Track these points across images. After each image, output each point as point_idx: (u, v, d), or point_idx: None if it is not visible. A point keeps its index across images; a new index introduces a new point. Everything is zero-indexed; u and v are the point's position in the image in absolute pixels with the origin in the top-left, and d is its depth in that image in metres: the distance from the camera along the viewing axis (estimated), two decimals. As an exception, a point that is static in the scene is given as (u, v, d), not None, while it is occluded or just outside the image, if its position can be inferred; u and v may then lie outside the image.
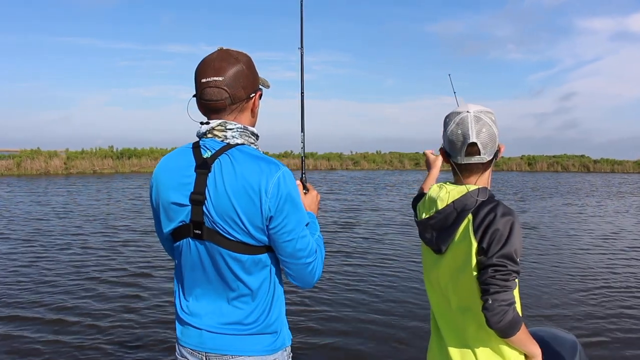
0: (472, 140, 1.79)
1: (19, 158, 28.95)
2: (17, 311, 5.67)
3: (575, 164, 45.25)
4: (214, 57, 1.70)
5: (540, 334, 2.68)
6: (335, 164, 42.70)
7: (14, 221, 11.94)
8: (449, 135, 1.85)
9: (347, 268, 7.86)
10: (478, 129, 1.80)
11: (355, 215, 14.00)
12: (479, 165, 1.85)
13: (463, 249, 1.77)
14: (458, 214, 1.79)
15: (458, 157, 1.85)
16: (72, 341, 4.89)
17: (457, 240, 1.80)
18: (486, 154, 1.82)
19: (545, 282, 7.21)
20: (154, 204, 1.78)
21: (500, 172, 42.49)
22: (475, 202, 1.78)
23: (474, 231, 1.74)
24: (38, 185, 21.60)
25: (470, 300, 1.79)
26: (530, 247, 9.69)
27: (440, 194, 1.87)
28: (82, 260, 8.11)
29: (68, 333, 5.08)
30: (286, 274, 1.76)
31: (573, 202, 18.83)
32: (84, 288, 6.59)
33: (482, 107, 1.85)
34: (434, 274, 1.93)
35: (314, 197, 2.05)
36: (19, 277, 7.07)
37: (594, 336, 5.20)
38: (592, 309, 6.06)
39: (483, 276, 1.71)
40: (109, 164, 30.84)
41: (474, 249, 1.74)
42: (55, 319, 5.48)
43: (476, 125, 1.80)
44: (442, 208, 1.83)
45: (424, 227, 1.91)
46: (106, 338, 4.97)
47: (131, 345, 4.83)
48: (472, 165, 1.85)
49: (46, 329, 5.16)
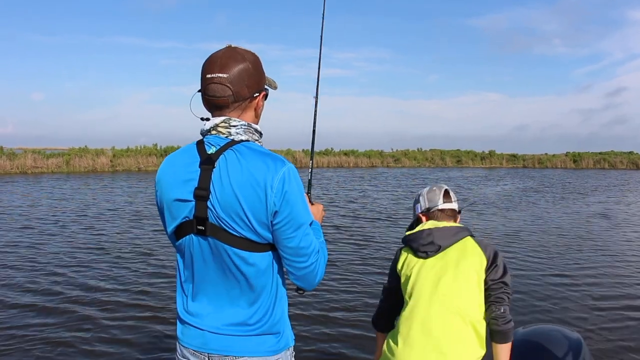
0: (446, 188, 2.52)
1: (67, 156, 29.93)
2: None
3: (624, 161, 43.66)
4: (221, 53, 1.69)
5: (545, 331, 2.70)
6: (376, 161, 42.53)
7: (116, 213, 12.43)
8: (426, 194, 2.53)
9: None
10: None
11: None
12: (451, 218, 2.47)
13: (470, 255, 2.23)
14: (457, 232, 2.32)
15: (438, 204, 2.46)
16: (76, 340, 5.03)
17: (465, 251, 2.25)
18: (456, 204, 2.51)
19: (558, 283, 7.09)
20: (158, 203, 1.77)
21: (544, 169, 41.55)
22: (470, 232, 2.35)
23: (483, 251, 2.24)
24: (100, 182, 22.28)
25: (467, 300, 2.18)
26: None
27: (438, 224, 2.37)
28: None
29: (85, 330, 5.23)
30: (288, 274, 1.74)
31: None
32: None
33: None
34: (423, 276, 2.26)
35: (320, 209, 2.06)
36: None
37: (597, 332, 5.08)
38: (603, 311, 5.91)
39: (496, 291, 2.19)
40: (153, 162, 31.52)
41: (484, 263, 2.22)
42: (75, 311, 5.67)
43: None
44: (448, 226, 2.34)
45: (423, 236, 2.31)
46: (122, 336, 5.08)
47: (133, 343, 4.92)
48: (448, 218, 2.46)
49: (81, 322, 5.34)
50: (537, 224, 12.30)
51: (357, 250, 9.04)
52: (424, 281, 2.22)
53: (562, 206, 16.17)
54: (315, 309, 5.77)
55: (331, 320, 5.47)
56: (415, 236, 2.34)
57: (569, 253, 8.96)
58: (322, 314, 5.62)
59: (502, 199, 18.28)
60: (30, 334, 5.01)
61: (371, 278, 7.09)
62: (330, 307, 5.88)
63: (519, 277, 7.18)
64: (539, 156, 46.68)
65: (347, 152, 42.66)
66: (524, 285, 6.77)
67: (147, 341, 4.91)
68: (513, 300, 5.81)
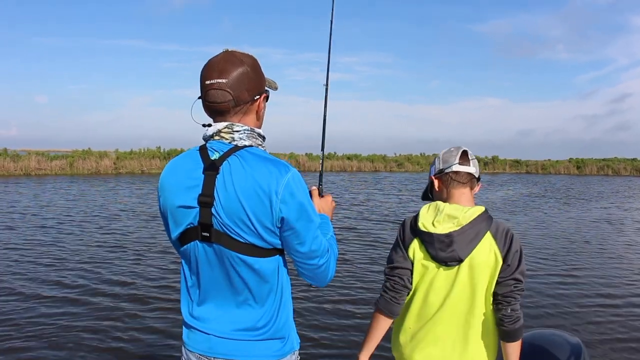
0: (465, 149, 2.18)
1: (71, 158, 30.00)
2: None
3: (627, 168, 43.59)
4: (218, 58, 1.67)
5: (545, 336, 2.70)
6: (379, 165, 42.50)
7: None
8: (442, 154, 2.22)
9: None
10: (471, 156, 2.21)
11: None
12: (466, 185, 2.16)
13: (487, 262, 2.02)
14: (478, 230, 2.03)
15: (453, 164, 2.15)
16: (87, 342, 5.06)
17: (481, 253, 2.02)
18: (474, 169, 2.18)
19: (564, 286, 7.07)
20: (162, 209, 1.75)
21: (547, 175, 41.48)
22: (490, 221, 2.06)
23: (499, 249, 2.02)
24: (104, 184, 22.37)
25: (482, 306, 2.06)
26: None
27: (457, 212, 2.06)
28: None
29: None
30: (299, 274, 1.74)
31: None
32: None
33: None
34: (438, 284, 2.09)
35: (329, 201, 2.04)
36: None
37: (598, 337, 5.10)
38: (606, 317, 5.88)
39: (505, 289, 2.02)
40: (156, 164, 31.57)
41: (499, 264, 2.02)
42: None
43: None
44: (466, 224, 2.03)
45: (441, 241, 2.03)
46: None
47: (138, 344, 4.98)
48: (463, 185, 2.16)
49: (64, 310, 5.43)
50: (541, 229, 12.28)
51: (366, 249, 9.16)
52: (438, 291, 2.07)
53: (566, 211, 16.14)
54: (327, 302, 5.85)
55: (342, 311, 5.53)
56: (431, 239, 2.04)
57: (572, 257, 8.94)
58: (334, 306, 5.64)
59: (506, 203, 18.28)
60: (64, 323, 5.37)
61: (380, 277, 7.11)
62: (340, 299, 5.96)
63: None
64: (543, 162, 46.61)
65: (350, 157, 42.65)
66: (526, 290, 6.74)
67: (176, 331, 5.05)
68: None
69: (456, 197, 2.14)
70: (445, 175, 2.16)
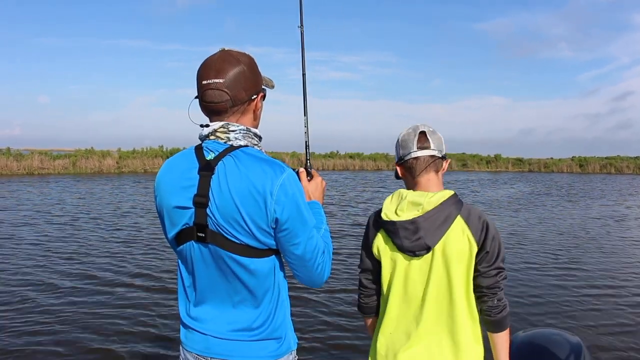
0: (422, 130, 2.00)
1: (74, 157, 30.06)
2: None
3: (630, 166, 43.46)
4: (215, 58, 1.66)
5: (545, 335, 2.69)
6: (381, 164, 42.50)
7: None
8: (400, 139, 2.04)
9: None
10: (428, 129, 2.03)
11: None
12: (430, 169, 1.99)
13: (462, 249, 1.89)
14: (447, 215, 1.89)
15: (412, 151, 1.98)
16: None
17: (453, 239, 1.89)
18: (436, 149, 2.00)
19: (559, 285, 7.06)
20: (158, 208, 1.75)
21: (550, 173, 41.43)
22: (459, 205, 1.93)
23: (472, 234, 1.89)
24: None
25: (462, 296, 1.92)
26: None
27: (421, 199, 1.92)
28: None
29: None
30: (294, 275, 1.73)
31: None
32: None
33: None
34: (413, 279, 1.95)
35: (319, 183, 1.98)
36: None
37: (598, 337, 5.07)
38: (604, 313, 5.87)
39: (490, 280, 1.91)
40: (159, 163, 31.56)
41: (474, 250, 1.89)
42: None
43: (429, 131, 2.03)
44: (432, 209, 1.89)
45: (406, 228, 1.90)
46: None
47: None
48: (426, 171, 1.99)
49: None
50: (544, 226, 12.24)
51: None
52: (415, 284, 1.95)
53: (569, 209, 16.12)
54: (327, 302, 5.82)
55: (342, 311, 5.51)
56: (394, 227, 1.91)
57: (573, 256, 8.92)
58: (334, 306, 5.65)
59: (510, 201, 18.28)
60: (91, 310, 5.75)
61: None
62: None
63: (522, 279, 7.18)
64: (545, 160, 46.57)
65: (352, 155, 42.66)
66: (526, 288, 6.76)
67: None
68: (514, 303, 5.85)
69: (423, 184, 1.99)
70: (406, 163, 2.00)
